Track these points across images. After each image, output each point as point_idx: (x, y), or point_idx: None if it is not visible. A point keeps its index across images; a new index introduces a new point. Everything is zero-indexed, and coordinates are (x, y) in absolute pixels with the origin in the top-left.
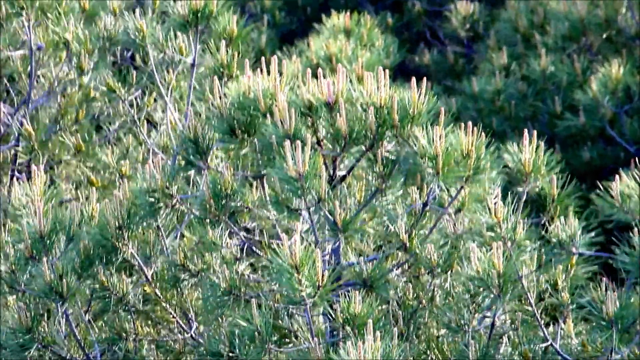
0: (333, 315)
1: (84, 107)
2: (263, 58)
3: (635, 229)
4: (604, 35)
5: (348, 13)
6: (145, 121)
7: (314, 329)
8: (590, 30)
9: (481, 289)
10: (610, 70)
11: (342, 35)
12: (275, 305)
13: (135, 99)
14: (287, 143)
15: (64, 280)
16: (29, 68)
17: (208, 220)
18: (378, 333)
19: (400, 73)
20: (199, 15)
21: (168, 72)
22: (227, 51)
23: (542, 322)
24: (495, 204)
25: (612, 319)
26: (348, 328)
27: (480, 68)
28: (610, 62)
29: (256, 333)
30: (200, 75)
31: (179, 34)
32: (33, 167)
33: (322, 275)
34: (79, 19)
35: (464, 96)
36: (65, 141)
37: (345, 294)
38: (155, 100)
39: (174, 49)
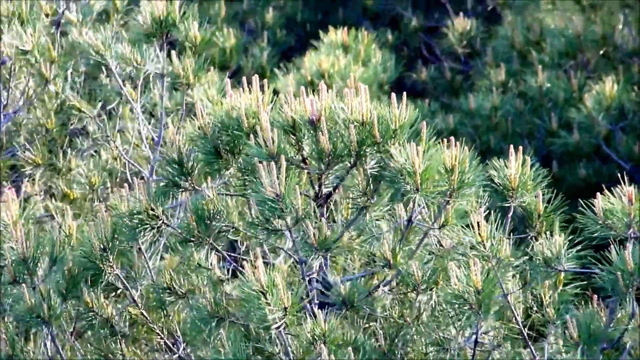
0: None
1: (52, 117)
2: (244, 78)
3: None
4: (601, 52)
5: (346, 29)
6: (118, 134)
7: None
8: (586, 47)
9: (461, 307)
10: (605, 87)
11: (339, 51)
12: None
13: (109, 112)
14: (263, 165)
15: (46, 303)
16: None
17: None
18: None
19: (398, 90)
20: (162, 24)
21: (135, 86)
22: (179, 59)
23: (529, 339)
24: (477, 222)
25: (577, 341)
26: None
27: (477, 85)
28: (605, 80)
29: None
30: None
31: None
32: (5, 189)
33: (287, 298)
34: (43, 27)
35: (461, 113)
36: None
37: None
38: (114, 112)
39: (137, 61)
